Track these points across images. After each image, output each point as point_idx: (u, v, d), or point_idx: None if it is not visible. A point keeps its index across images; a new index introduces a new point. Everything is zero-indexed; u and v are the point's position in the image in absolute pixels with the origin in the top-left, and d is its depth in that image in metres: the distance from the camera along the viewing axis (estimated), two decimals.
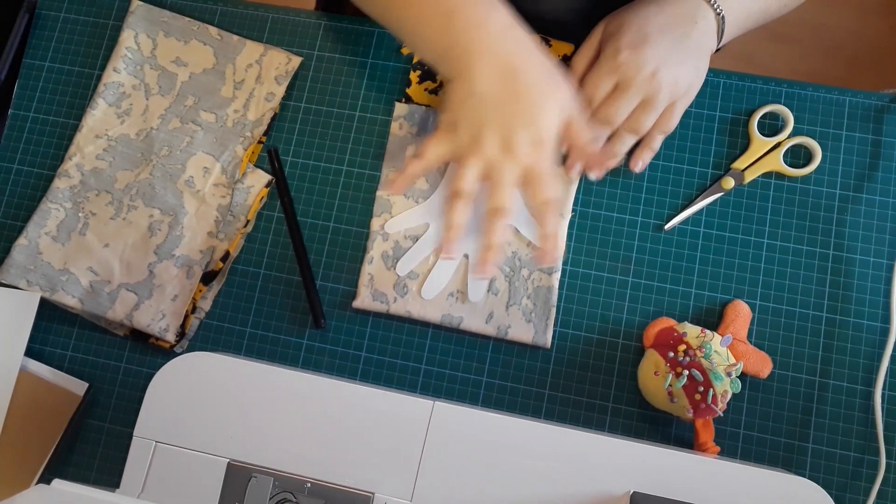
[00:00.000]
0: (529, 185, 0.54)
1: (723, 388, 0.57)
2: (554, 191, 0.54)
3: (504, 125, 0.53)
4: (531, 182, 0.54)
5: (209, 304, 0.66)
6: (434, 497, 0.53)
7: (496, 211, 0.54)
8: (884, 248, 0.63)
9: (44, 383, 0.64)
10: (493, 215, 0.54)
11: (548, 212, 0.54)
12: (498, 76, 0.53)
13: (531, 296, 0.63)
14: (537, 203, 0.54)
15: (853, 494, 0.59)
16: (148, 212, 0.67)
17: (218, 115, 0.68)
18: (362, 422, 0.55)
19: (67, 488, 0.49)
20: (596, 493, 0.52)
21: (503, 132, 0.53)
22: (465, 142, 0.55)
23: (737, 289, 0.63)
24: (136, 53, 0.70)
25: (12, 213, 0.69)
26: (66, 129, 0.70)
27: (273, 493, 0.54)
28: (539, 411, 0.63)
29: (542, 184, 0.54)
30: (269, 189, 0.68)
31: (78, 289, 0.65)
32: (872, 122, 0.65)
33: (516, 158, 0.54)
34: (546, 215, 0.54)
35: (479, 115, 0.54)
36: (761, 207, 0.64)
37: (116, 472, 0.61)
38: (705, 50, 0.60)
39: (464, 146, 0.55)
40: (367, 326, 0.65)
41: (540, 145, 0.54)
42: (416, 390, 0.64)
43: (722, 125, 0.66)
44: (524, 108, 0.53)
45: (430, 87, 0.68)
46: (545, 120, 0.54)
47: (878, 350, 0.61)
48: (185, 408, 0.56)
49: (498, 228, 0.54)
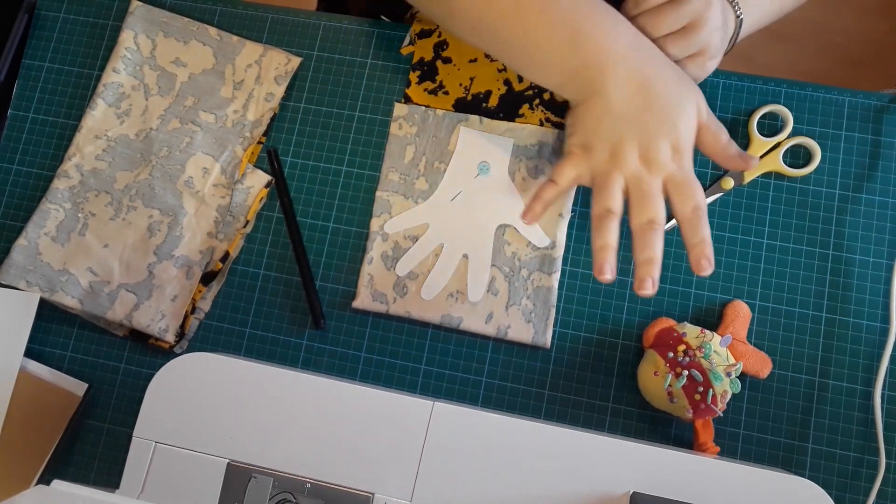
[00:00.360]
0: (676, 193, 0.53)
1: (722, 389, 0.57)
2: (700, 195, 0.53)
3: (644, 137, 0.53)
4: (677, 190, 0.53)
5: (209, 304, 0.66)
6: (434, 497, 0.53)
7: (650, 224, 0.53)
8: (884, 248, 0.63)
9: (43, 384, 0.64)
10: (647, 229, 0.53)
11: (699, 218, 0.53)
12: (633, 89, 0.53)
13: (531, 296, 0.63)
14: (687, 210, 0.53)
15: (853, 494, 0.59)
16: (147, 212, 0.67)
17: (217, 115, 0.68)
18: (362, 422, 0.55)
19: (67, 489, 0.49)
20: (596, 493, 0.52)
21: (643, 144, 0.53)
22: (604, 159, 0.54)
23: (736, 289, 0.63)
24: (135, 54, 0.70)
25: (12, 214, 0.69)
26: (66, 129, 0.70)
27: (273, 494, 0.54)
28: (539, 411, 0.63)
29: (688, 190, 0.53)
30: (268, 189, 0.68)
31: (77, 289, 0.65)
32: (872, 122, 0.65)
33: (659, 168, 0.53)
34: (697, 222, 0.53)
35: (618, 131, 0.53)
36: (761, 207, 0.64)
37: (116, 472, 0.61)
38: (726, 41, 0.60)
39: (602, 164, 0.54)
40: (366, 327, 0.65)
41: (680, 152, 0.53)
42: (416, 390, 0.64)
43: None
44: (661, 116, 0.53)
45: (430, 88, 0.68)
46: (682, 125, 0.53)
47: (878, 350, 0.61)
48: (184, 408, 0.56)
49: (656, 241, 0.53)
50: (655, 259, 0.52)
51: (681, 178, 0.53)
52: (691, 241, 0.53)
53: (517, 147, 0.66)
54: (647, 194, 0.53)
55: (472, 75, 0.68)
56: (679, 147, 0.53)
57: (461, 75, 0.68)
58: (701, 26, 0.56)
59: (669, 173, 0.53)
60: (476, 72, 0.68)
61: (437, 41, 0.69)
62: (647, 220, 0.53)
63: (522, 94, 0.67)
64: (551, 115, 0.66)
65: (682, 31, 0.56)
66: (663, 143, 0.53)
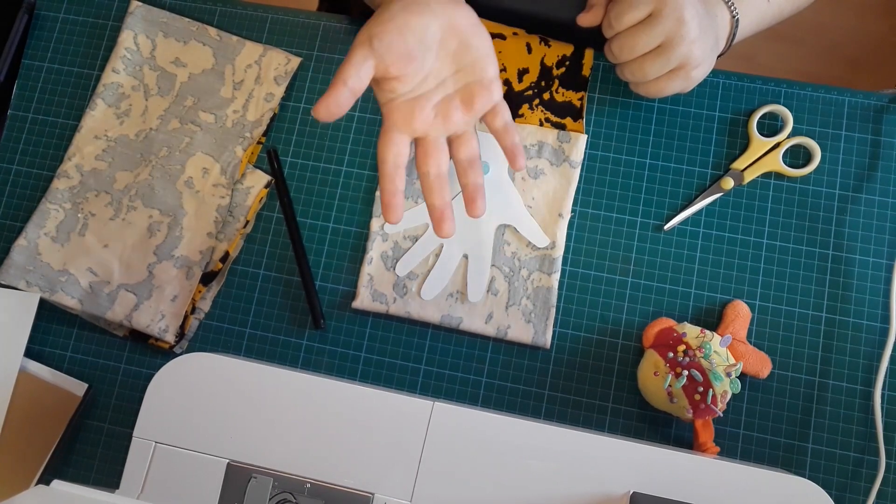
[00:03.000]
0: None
1: (722, 389, 0.57)
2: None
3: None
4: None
5: (209, 304, 0.66)
6: (434, 497, 0.53)
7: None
8: (884, 248, 0.63)
9: (43, 384, 0.64)
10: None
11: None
12: None
13: (531, 296, 0.63)
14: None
15: (853, 494, 0.59)
16: (147, 212, 0.67)
17: (217, 115, 0.68)
18: (362, 422, 0.55)
19: (67, 489, 0.49)
20: (596, 493, 0.52)
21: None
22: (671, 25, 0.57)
23: (736, 289, 0.63)
24: (135, 54, 0.70)
25: (11, 214, 0.69)
26: (66, 129, 0.70)
27: (273, 494, 0.54)
28: (539, 411, 0.63)
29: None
30: (268, 190, 0.68)
31: (77, 289, 0.65)
32: (872, 122, 0.65)
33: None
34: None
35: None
36: (761, 207, 0.64)
37: (116, 472, 0.61)
38: (719, 43, 0.61)
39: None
40: (366, 327, 0.65)
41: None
42: (416, 390, 0.64)
43: (721, 125, 0.66)
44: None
45: None
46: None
47: (877, 350, 0.61)
48: (184, 408, 0.56)
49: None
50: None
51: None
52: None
53: None
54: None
55: None
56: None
57: None
58: (676, 43, 0.57)
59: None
60: None
61: None
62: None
63: (522, 95, 0.67)
64: (551, 115, 0.66)
65: (658, 50, 0.58)
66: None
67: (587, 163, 0.66)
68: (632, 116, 0.67)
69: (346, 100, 0.53)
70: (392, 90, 0.55)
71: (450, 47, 0.55)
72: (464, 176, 0.57)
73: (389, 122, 0.56)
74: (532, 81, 0.67)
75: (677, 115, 0.66)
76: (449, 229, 0.56)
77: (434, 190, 0.56)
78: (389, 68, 0.54)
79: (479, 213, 0.56)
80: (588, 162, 0.66)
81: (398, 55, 0.53)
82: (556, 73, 0.67)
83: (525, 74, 0.67)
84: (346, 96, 0.53)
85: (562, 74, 0.67)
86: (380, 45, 0.53)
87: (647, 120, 0.66)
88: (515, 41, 0.68)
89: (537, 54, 0.67)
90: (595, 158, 0.66)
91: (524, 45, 0.67)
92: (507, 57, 0.67)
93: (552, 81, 0.67)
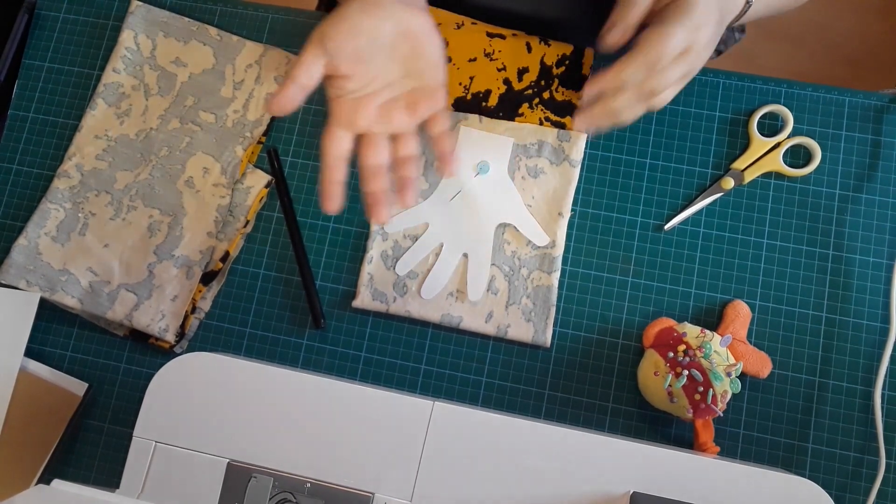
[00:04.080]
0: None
1: (722, 389, 0.57)
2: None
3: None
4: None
5: (209, 304, 0.66)
6: (434, 497, 0.53)
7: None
8: (884, 248, 0.63)
9: (43, 383, 0.64)
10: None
11: None
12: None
13: (531, 295, 0.63)
14: None
15: (853, 494, 0.59)
16: (147, 212, 0.67)
17: (217, 115, 0.68)
18: (362, 422, 0.55)
19: (67, 489, 0.49)
20: (596, 493, 0.52)
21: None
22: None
23: (737, 289, 0.63)
24: (135, 54, 0.70)
25: (12, 214, 0.69)
26: (66, 129, 0.70)
27: (273, 493, 0.54)
28: (539, 411, 0.63)
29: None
30: (268, 189, 0.68)
31: (77, 289, 0.65)
32: (872, 122, 0.65)
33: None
34: None
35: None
36: (761, 207, 0.64)
37: (116, 472, 0.61)
38: (723, 27, 0.58)
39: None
40: (366, 326, 0.65)
41: None
42: (416, 390, 0.64)
43: (722, 125, 0.66)
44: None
45: None
46: None
47: (878, 350, 0.61)
48: (184, 408, 0.56)
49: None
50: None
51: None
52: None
53: (517, 146, 0.66)
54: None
55: (471, 74, 0.68)
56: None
57: (461, 74, 0.68)
58: (695, 50, 0.54)
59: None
60: (475, 71, 0.68)
61: None
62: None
63: (522, 94, 0.67)
64: (551, 114, 0.66)
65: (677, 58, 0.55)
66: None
67: (587, 162, 0.66)
68: None
69: (296, 96, 0.56)
70: (341, 87, 0.57)
71: (401, 51, 0.57)
72: (397, 170, 0.60)
73: (334, 117, 0.58)
74: (532, 80, 0.67)
75: (677, 115, 0.66)
76: (381, 216, 0.58)
77: (368, 179, 0.58)
78: (339, 67, 0.56)
79: (408, 204, 0.60)
80: (588, 161, 0.66)
81: (348, 55, 0.55)
82: (555, 73, 0.67)
83: (525, 73, 0.67)
84: (298, 92, 0.56)
85: (562, 73, 0.67)
86: (331, 45, 0.55)
87: (647, 120, 0.66)
88: (515, 41, 0.68)
89: (537, 53, 0.67)
90: (595, 158, 0.66)
91: (524, 45, 0.67)
92: (507, 56, 0.67)
93: (552, 80, 0.67)
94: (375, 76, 0.58)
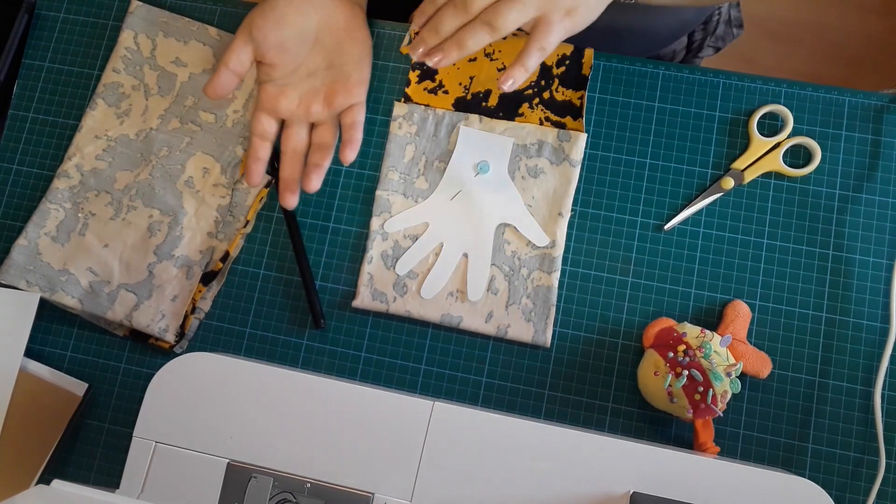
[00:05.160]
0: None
1: (722, 389, 0.57)
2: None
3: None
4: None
5: (209, 304, 0.66)
6: (434, 497, 0.53)
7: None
8: (884, 248, 0.63)
9: (43, 384, 0.64)
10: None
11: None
12: None
13: (531, 295, 0.63)
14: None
15: (853, 494, 0.59)
16: (147, 212, 0.67)
17: (217, 115, 0.68)
18: (362, 422, 0.55)
19: (67, 489, 0.49)
20: (596, 493, 0.52)
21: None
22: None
23: (737, 289, 0.63)
24: (135, 54, 0.70)
25: (12, 214, 0.69)
26: (66, 129, 0.70)
27: (273, 494, 0.54)
28: (539, 411, 0.63)
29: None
30: (268, 189, 0.68)
31: (77, 289, 0.65)
32: (872, 122, 0.65)
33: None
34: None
35: None
36: (761, 207, 0.64)
37: (116, 472, 0.61)
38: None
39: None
40: (366, 326, 0.65)
41: None
42: (416, 390, 0.64)
43: (722, 125, 0.66)
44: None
45: (430, 87, 0.68)
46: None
47: (878, 350, 0.61)
48: (184, 408, 0.56)
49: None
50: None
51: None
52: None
53: (517, 146, 0.66)
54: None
55: (471, 74, 0.68)
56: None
57: (461, 74, 0.68)
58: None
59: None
60: (476, 71, 0.68)
61: None
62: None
63: (522, 94, 0.67)
64: (551, 114, 0.66)
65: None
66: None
67: (587, 162, 0.66)
68: (632, 116, 0.67)
69: (229, 81, 0.61)
70: (266, 74, 0.62)
71: (325, 44, 0.61)
72: (311, 156, 0.64)
73: (259, 102, 0.63)
74: (532, 80, 0.67)
75: (677, 115, 0.66)
76: (290, 201, 0.63)
77: (286, 164, 0.64)
78: (265, 55, 0.60)
79: (312, 189, 0.63)
80: (588, 161, 0.66)
81: (273, 45, 0.60)
82: (555, 73, 0.67)
83: None
84: (230, 77, 0.61)
85: (562, 73, 0.67)
86: (258, 34, 0.59)
87: (647, 120, 0.66)
88: (515, 41, 0.68)
89: None
90: (595, 158, 0.66)
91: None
92: (507, 56, 0.67)
93: (552, 80, 0.67)
94: (299, 66, 0.61)
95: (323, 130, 0.64)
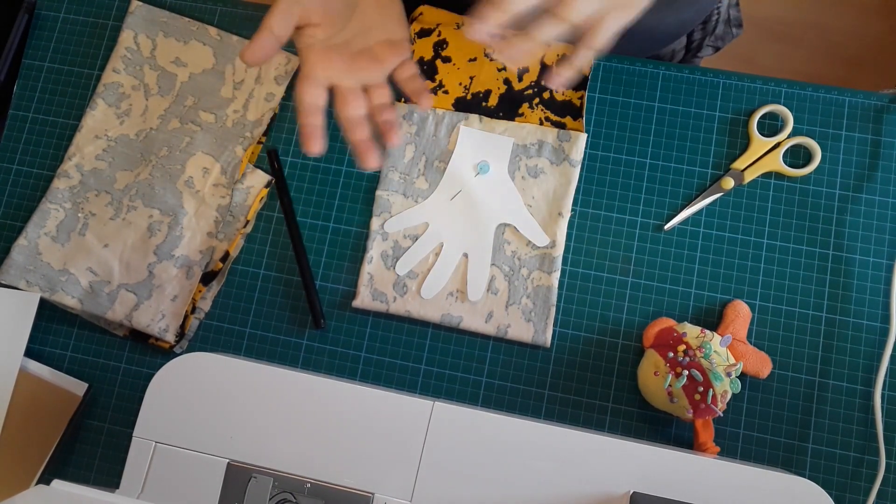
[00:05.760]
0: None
1: (722, 389, 0.57)
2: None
3: None
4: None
5: (209, 304, 0.66)
6: (434, 497, 0.53)
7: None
8: (884, 248, 0.63)
9: (43, 384, 0.64)
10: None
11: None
12: None
13: (531, 295, 0.63)
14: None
15: (853, 494, 0.59)
16: (147, 212, 0.67)
17: (217, 115, 0.68)
18: (362, 422, 0.55)
19: (67, 489, 0.49)
20: (596, 493, 0.52)
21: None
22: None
23: (737, 289, 0.63)
24: (135, 54, 0.70)
25: (12, 214, 0.69)
26: (66, 129, 0.70)
27: (273, 494, 0.54)
28: (539, 411, 0.63)
29: None
30: (268, 189, 0.68)
31: (77, 289, 0.65)
32: (872, 122, 0.65)
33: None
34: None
35: None
36: (761, 207, 0.64)
37: (116, 472, 0.61)
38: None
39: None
40: (366, 326, 0.65)
41: None
42: (416, 390, 0.64)
43: (722, 125, 0.66)
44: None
45: (430, 87, 0.68)
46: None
47: (878, 350, 0.61)
48: (184, 408, 0.56)
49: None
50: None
51: None
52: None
53: (517, 146, 0.66)
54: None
55: (471, 74, 0.68)
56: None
57: (461, 74, 0.68)
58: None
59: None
60: (476, 71, 0.68)
61: (436, 40, 0.69)
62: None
63: (522, 94, 0.67)
64: (551, 114, 0.66)
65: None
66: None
67: (587, 162, 0.66)
68: (632, 116, 0.67)
69: (270, 45, 0.57)
70: (312, 36, 0.58)
71: (369, 4, 0.60)
72: (377, 116, 0.61)
73: (306, 67, 0.59)
74: (532, 80, 0.67)
75: (677, 115, 0.66)
76: (371, 161, 0.59)
77: (350, 130, 0.59)
78: (312, 16, 0.57)
79: (394, 145, 0.62)
80: (588, 161, 0.66)
81: (321, 3, 0.57)
82: None
83: (525, 73, 0.67)
84: (271, 42, 0.56)
85: None
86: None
87: (648, 120, 0.66)
88: (515, 41, 0.68)
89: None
90: (595, 158, 0.66)
91: None
92: None
93: None
94: (344, 26, 0.59)
95: (379, 90, 0.61)
